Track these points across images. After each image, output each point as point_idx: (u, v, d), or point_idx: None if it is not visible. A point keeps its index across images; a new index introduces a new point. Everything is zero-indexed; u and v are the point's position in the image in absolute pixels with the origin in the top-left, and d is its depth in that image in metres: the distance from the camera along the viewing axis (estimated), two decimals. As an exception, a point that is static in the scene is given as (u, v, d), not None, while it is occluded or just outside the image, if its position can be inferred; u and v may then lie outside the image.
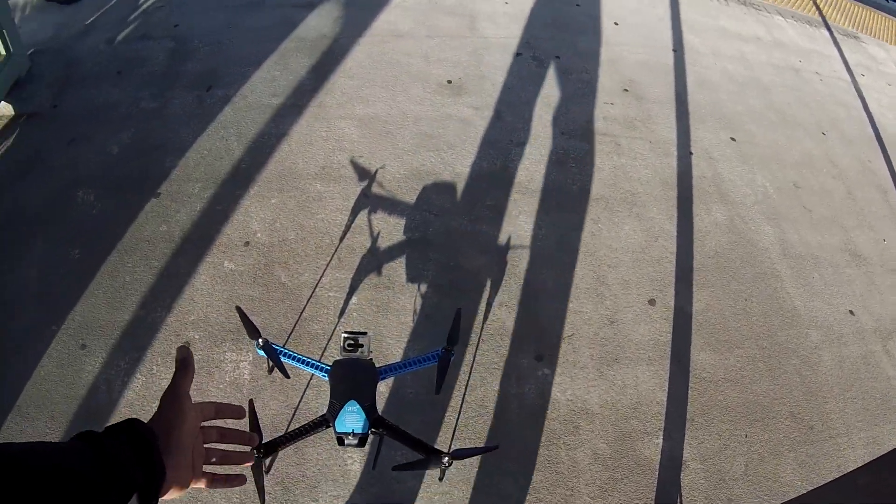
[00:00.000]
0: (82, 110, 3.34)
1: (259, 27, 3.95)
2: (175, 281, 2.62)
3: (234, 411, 0.86)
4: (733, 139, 3.83)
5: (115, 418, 2.26)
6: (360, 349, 1.76)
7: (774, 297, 2.99)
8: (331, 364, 1.73)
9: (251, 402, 1.37)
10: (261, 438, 1.38)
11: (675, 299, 2.81)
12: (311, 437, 1.63)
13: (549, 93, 3.75)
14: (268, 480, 2.11)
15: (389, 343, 2.44)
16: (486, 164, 3.22)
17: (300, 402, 2.26)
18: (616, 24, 4.63)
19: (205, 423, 0.81)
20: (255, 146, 3.17)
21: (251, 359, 2.37)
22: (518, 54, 4.00)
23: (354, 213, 2.89)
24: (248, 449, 0.90)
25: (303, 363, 1.80)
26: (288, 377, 1.72)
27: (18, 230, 2.80)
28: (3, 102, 3.19)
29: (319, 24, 4.01)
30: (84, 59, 3.67)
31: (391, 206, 2.94)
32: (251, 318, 1.96)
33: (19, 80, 3.33)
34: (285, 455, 2.13)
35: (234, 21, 3.99)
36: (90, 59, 3.67)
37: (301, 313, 2.50)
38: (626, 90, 3.94)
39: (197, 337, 2.45)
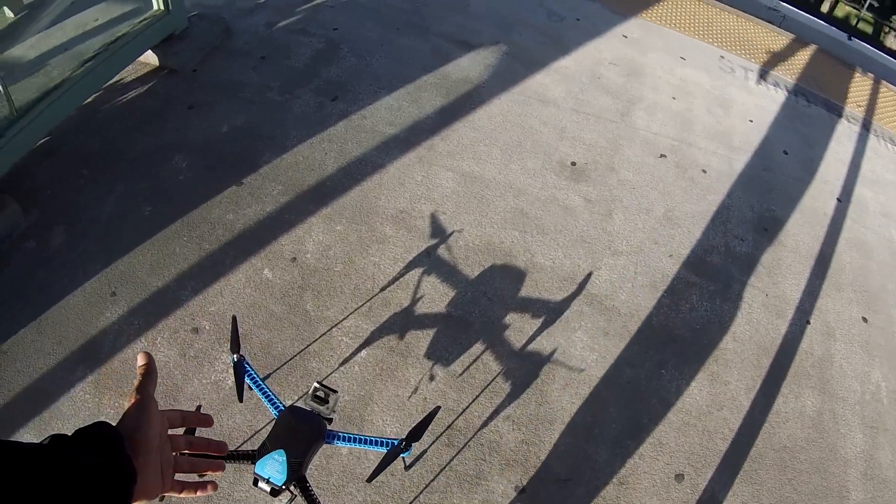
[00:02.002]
0: (215, 82, 4.04)
1: (409, 52, 4.49)
2: (214, 270, 3.10)
3: (200, 420, 0.96)
4: (865, 320, 3.65)
5: (106, 370, 2.75)
6: (324, 405, 2.05)
7: (840, 538, 2.83)
8: (286, 406, 2.05)
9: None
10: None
11: (708, 484, 2.77)
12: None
13: (676, 206, 3.85)
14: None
15: (373, 410, 2.70)
16: (569, 264, 3.40)
17: (263, 428, 2.58)
18: (785, 152, 4.61)
19: (171, 432, 0.89)
20: (349, 169, 3.63)
21: (219, 383, 2.74)
22: (661, 156, 4.15)
23: (409, 267, 3.21)
24: (218, 457, 0.98)
25: (263, 393, 2.14)
26: (241, 401, 2.05)
27: (113, 169, 3.47)
28: (150, 51, 3.96)
29: (468, 67, 4.47)
30: (239, 34, 4.43)
31: (448, 274, 3.22)
32: (240, 331, 2.32)
33: (173, 35, 4.11)
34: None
35: (389, 39, 4.58)
36: (244, 37, 4.42)
37: (307, 346, 2.84)
38: (766, 229, 3.93)
39: (207, 327, 2.88)
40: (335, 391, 2.06)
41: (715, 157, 4.30)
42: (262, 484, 1.82)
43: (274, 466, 1.83)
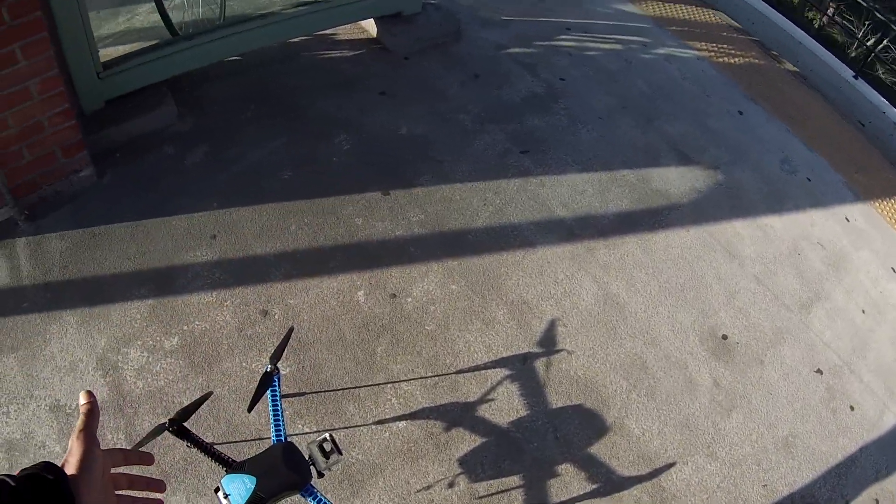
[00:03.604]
0: (418, 79, 4.30)
1: (621, 138, 4.53)
2: (314, 266, 3.34)
3: (141, 458, 1.10)
4: None
5: (167, 302, 3.04)
6: (324, 459, 2.16)
7: None
8: (286, 439, 2.19)
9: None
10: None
11: None
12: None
13: (802, 435, 3.59)
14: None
15: (376, 484, 2.77)
16: (657, 444, 3.29)
17: (266, 439, 2.72)
18: None
19: (113, 470, 1.02)
20: (498, 231, 3.74)
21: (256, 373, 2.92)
22: (818, 370, 3.89)
23: (497, 363, 3.26)
24: (159, 496, 1.11)
25: (274, 415, 2.29)
26: (249, 411, 2.22)
27: (279, 120, 3.82)
28: (372, 21, 4.28)
29: (673, 181, 4.43)
30: (466, 43, 4.70)
31: (532, 390, 3.23)
32: (301, 339, 2.52)
33: (401, 14, 4.45)
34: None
35: (609, 115, 4.64)
36: (469, 48, 4.68)
37: (354, 387, 2.97)
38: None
39: (276, 316, 3.11)
40: (341, 453, 2.17)
41: (871, 398, 3.97)
42: (220, 495, 1.96)
43: (239, 489, 1.97)
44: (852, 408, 3.93)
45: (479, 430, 3.07)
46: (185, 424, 2.05)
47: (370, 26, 4.40)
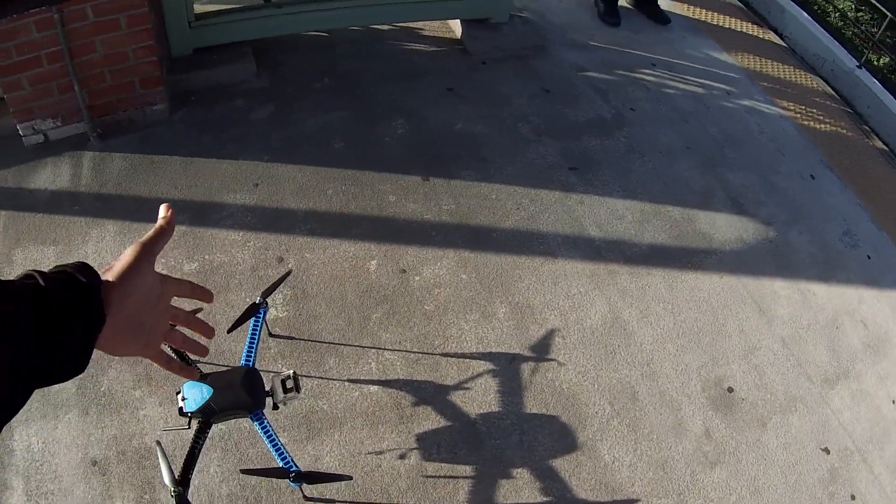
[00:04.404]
0: (489, 84, 4.50)
1: (676, 176, 4.52)
2: (338, 229, 3.59)
3: (206, 294, 1.04)
4: None
5: (199, 233, 3.37)
6: (283, 392, 2.38)
7: None
8: (252, 365, 2.43)
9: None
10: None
11: None
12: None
13: None
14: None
15: (332, 436, 2.94)
16: (625, 477, 3.27)
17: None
18: None
19: (176, 303, 0.97)
20: (523, 236, 3.86)
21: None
22: (824, 449, 3.73)
23: (484, 357, 3.36)
24: (206, 342, 1.09)
25: (250, 344, 2.55)
26: (229, 332, 2.60)
27: (346, 97, 4.10)
28: (458, 22, 4.49)
29: (719, 228, 4.37)
30: (545, 59, 4.86)
31: (511, 391, 3.30)
32: (280, 281, 2.75)
33: (487, 21, 4.64)
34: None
35: (670, 152, 4.65)
36: (546, 64, 4.84)
37: (340, 344, 3.16)
38: None
39: (289, 265, 3.33)
40: (299, 392, 2.36)
41: (877, 492, 3.74)
42: (179, 397, 2.23)
43: (196, 395, 2.22)
44: (853, 497, 3.76)
45: (446, 413, 3.18)
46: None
47: (455, 27, 4.62)
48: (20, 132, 3.47)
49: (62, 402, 2.94)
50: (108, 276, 0.83)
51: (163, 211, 0.96)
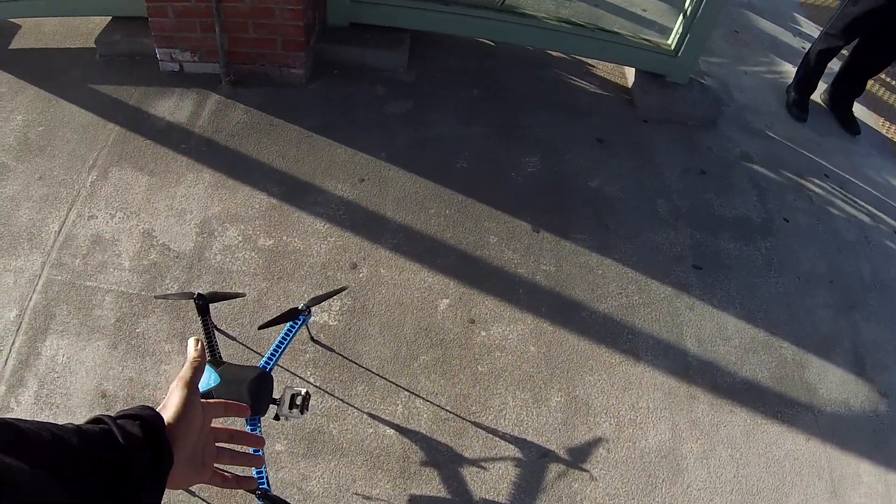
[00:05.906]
0: (640, 146, 4.14)
1: (812, 311, 3.98)
2: (421, 254, 3.39)
3: (240, 410, 1.08)
4: None
5: (285, 210, 3.28)
6: (289, 408, 2.25)
7: None
8: (269, 371, 2.33)
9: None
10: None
11: None
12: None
13: None
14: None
15: (331, 432, 2.79)
16: None
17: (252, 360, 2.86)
18: None
19: (215, 424, 1.01)
20: (612, 324, 3.51)
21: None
22: None
23: (512, 441, 3.10)
24: (252, 450, 1.19)
25: (276, 349, 2.45)
26: (259, 328, 2.60)
27: (510, 131, 3.85)
28: (635, 71, 4.15)
29: (838, 383, 3.82)
30: (716, 135, 4.42)
31: (529, 485, 3.03)
32: (332, 295, 2.64)
33: (664, 78, 4.27)
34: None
35: (816, 281, 4.08)
36: (715, 142, 4.39)
37: (377, 375, 2.99)
38: None
39: (363, 275, 3.21)
40: (303, 414, 2.23)
41: None
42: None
43: (204, 380, 2.14)
44: None
45: (450, 485, 2.95)
46: (209, 304, 2.27)
47: (629, 74, 4.25)
48: (157, 56, 3.50)
49: (99, 327, 2.97)
50: (169, 417, 0.88)
51: (192, 345, 1.01)
